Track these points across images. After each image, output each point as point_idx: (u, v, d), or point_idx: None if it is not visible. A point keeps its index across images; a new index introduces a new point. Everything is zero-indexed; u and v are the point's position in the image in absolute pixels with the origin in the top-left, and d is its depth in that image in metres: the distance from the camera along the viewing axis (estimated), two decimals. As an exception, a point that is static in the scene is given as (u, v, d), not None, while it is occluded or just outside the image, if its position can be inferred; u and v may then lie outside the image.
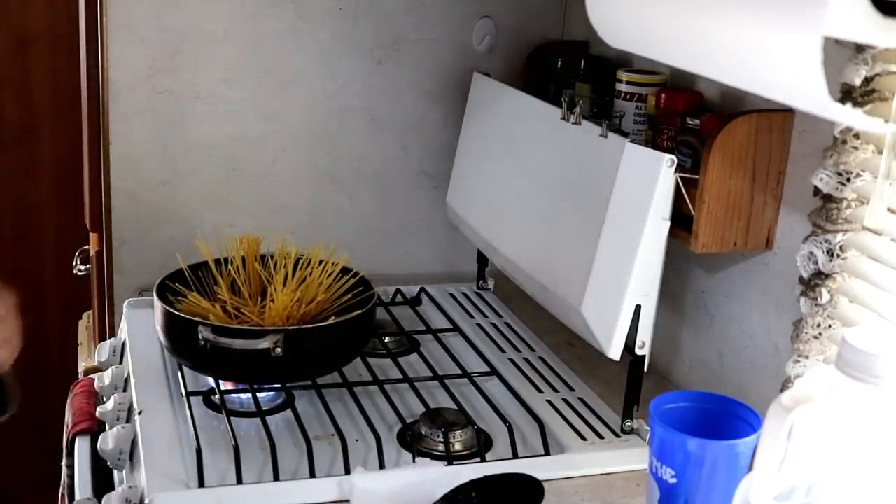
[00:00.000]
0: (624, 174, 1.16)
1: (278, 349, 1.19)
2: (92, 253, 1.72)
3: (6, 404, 1.22)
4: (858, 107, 0.99)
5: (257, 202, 1.63)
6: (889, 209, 0.99)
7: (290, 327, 1.24)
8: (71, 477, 1.24)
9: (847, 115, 0.62)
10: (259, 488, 1.08)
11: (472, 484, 1.01)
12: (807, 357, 1.09)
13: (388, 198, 1.70)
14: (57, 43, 2.23)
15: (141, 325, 1.41)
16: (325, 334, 1.24)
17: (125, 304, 1.51)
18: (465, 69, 1.64)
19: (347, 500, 1.06)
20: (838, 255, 1.05)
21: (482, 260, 1.65)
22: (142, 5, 1.49)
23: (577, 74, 1.51)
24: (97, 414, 1.26)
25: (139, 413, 1.22)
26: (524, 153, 1.41)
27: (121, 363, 1.41)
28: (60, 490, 1.34)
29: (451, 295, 1.65)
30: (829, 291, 1.06)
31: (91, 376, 1.40)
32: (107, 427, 1.23)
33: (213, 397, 1.26)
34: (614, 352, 1.17)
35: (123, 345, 1.43)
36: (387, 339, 1.45)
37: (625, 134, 1.21)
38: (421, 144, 1.69)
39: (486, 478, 1.03)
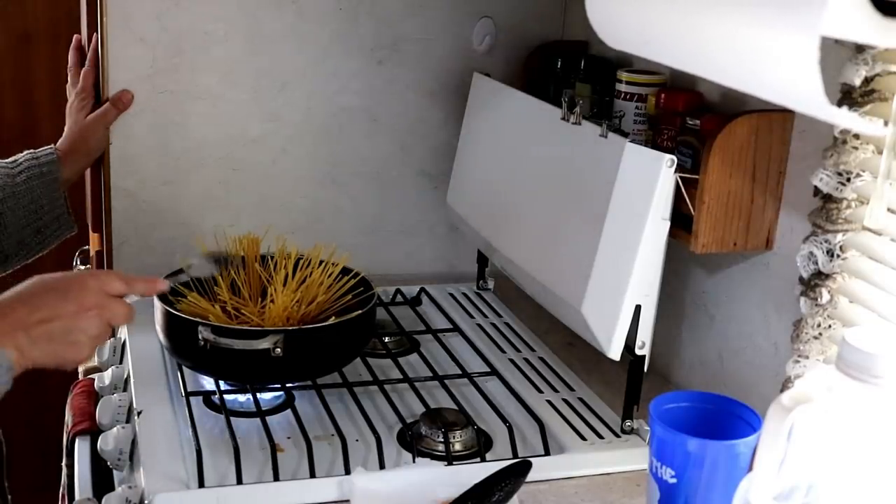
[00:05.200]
0: (624, 174, 1.16)
1: (278, 349, 1.19)
2: (92, 253, 1.72)
3: None
4: (858, 107, 0.99)
5: (257, 202, 1.63)
6: (889, 209, 0.99)
7: (290, 327, 1.24)
8: (71, 477, 1.24)
9: (843, 118, 0.62)
10: (259, 488, 1.08)
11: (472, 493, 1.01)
12: (807, 357, 1.09)
13: (388, 198, 1.70)
14: (57, 43, 2.23)
15: (141, 325, 1.40)
16: (325, 334, 1.24)
17: (125, 303, 1.51)
18: (465, 69, 1.64)
19: (347, 500, 1.06)
20: (838, 255, 1.05)
21: (482, 260, 1.65)
22: (142, 5, 1.49)
23: (577, 74, 1.51)
24: (97, 414, 1.26)
25: (139, 413, 1.22)
26: (524, 153, 1.41)
27: (121, 363, 1.40)
28: (60, 490, 1.33)
29: (451, 295, 1.65)
30: (829, 291, 1.06)
31: (91, 376, 1.40)
32: (106, 427, 1.23)
33: (213, 397, 1.26)
34: (614, 352, 1.17)
35: (123, 345, 1.43)
36: (387, 339, 1.45)
37: (625, 134, 1.21)
38: (421, 144, 1.69)
39: (483, 482, 1.02)
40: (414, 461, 1.14)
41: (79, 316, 1.01)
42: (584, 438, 1.21)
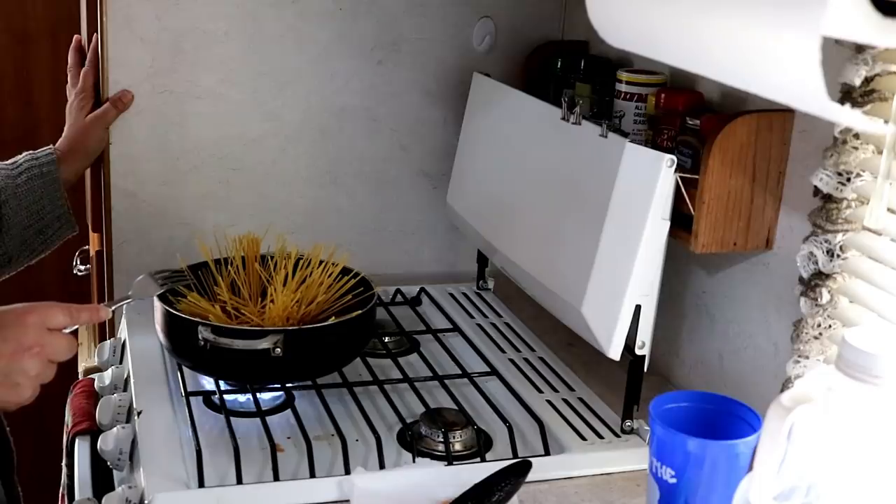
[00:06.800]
0: (624, 174, 1.16)
1: (278, 349, 1.19)
2: (92, 253, 1.72)
3: None
4: (858, 107, 0.99)
5: (257, 202, 1.63)
6: (889, 209, 0.99)
7: (290, 327, 1.24)
8: (71, 477, 1.24)
9: (846, 116, 0.62)
10: (259, 488, 1.08)
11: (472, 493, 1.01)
12: (807, 357, 1.09)
13: (388, 198, 1.70)
14: (57, 43, 2.24)
15: (141, 325, 1.41)
16: (325, 334, 1.24)
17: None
18: (465, 69, 1.64)
19: (347, 500, 1.06)
20: (838, 255, 1.05)
21: (482, 260, 1.65)
22: (142, 5, 1.49)
23: (577, 74, 1.51)
24: (97, 414, 1.26)
25: (139, 413, 1.21)
26: (524, 153, 1.41)
27: (121, 363, 1.41)
28: (60, 490, 1.34)
29: (451, 295, 1.65)
30: (829, 291, 1.06)
31: (91, 376, 1.40)
32: (106, 427, 1.23)
33: (213, 397, 1.26)
34: (614, 352, 1.17)
35: (123, 345, 1.43)
36: (387, 339, 1.45)
37: (625, 134, 1.21)
38: (421, 144, 1.69)
39: (483, 482, 1.02)
40: (414, 461, 1.14)
41: (17, 356, 0.98)
42: (584, 438, 1.21)
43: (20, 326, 0.99)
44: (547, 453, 1.17)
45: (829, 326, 1.08)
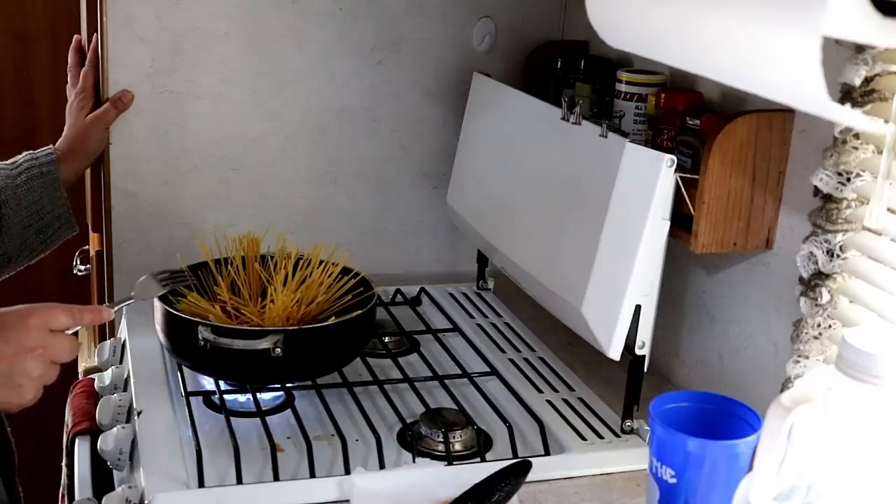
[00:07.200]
0: (624, 174, 1.16)
1: (278, 349, 1.19)
2: (92, 253, 1.72)
3: None
4: (858, 107, 0.99)
5: (257, 202, 1.63)
6: (889, 209, 0.99)
7: (290, 327, 1.24)
8: (71, 477, 1.24)
9: (847, 116, 0.62)
10: (259, 488, 1.08)
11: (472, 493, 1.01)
12: (807, 357, 1.09)
13: (388, 198, 1.70)
14: (57, 43, 2.24)
15: (141, 325, 1.41)
16: (325, 334, 1.24)
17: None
18: (465, 69, 1.64)
19: (347, 500, 1.06)
20: (838, 255, 1.05)
21: (482, 260, 1.65)
22: (142, 5, 1.49)
23: (577, 74, 1.51)
24: (97, 414, 1.26)
25: (139, 413, 1.22)
26: (524, 153, 1.41)
27: (121, 363, 1.41)
28: (60, 490, 1.34)
29: (451, 295, 1.65)
30: (829, 291, 1.06)
31: (91, 376, 1.40)
32: (106, 427, 1.23)
33: (213, 397, 1.26)
34: (614, 352, 1.17)
35: (123, 345, 1.43)
36: (387, 339, 1.45)
37: (625, 134, 1.21)
38: (421, 144, 1.69)
39: (483, 482, 1.02)
40: (414, 461, 1.14)
41: (19, 357, 0.97)
42: (584, 438, 1.21)
43: (22, 328, 0.99)
44: (547, 453, 1.17)
45: (829, 326, 1.08)
